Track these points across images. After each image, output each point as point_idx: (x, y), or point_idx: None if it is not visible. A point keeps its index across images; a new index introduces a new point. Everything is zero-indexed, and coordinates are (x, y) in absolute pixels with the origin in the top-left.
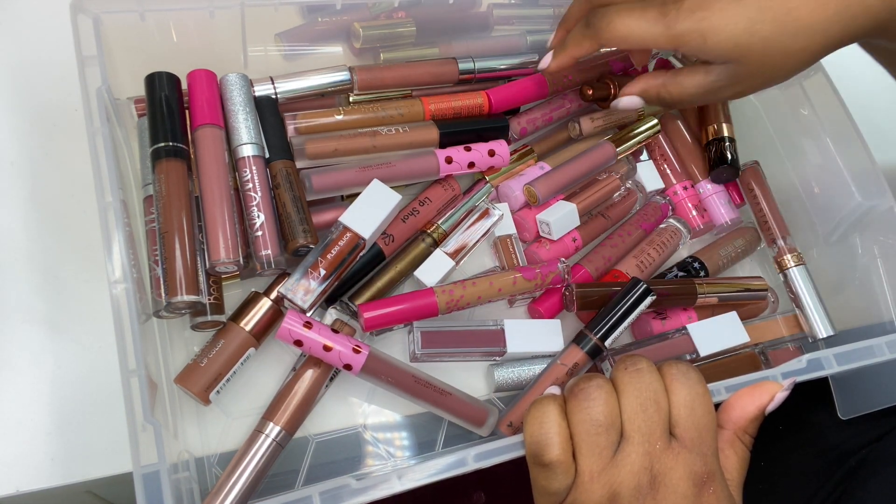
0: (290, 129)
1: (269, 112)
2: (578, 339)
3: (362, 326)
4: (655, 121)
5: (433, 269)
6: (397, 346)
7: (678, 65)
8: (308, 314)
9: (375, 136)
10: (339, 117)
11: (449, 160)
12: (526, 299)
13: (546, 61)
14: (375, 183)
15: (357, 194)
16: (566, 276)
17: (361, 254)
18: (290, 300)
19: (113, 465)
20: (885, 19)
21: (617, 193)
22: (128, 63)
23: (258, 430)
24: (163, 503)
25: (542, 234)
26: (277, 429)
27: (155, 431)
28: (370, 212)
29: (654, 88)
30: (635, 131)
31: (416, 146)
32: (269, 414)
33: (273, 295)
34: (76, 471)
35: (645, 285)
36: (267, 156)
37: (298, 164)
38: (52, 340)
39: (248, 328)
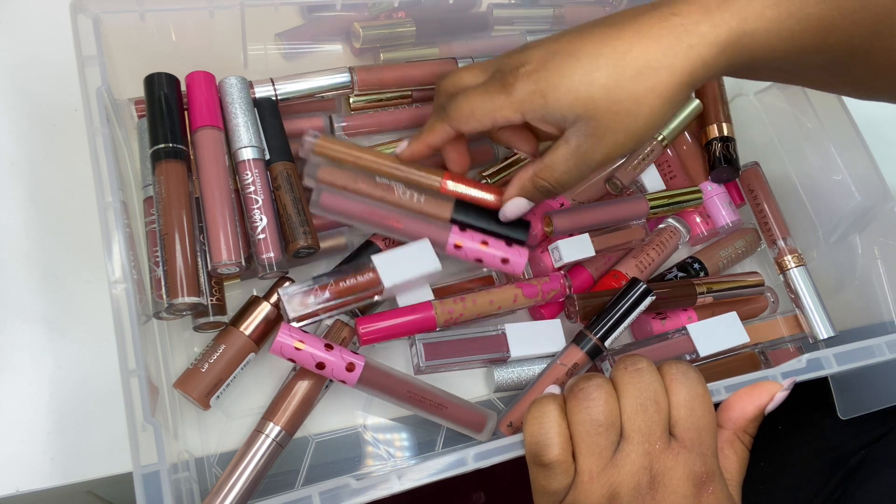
0: (307, 141)
1: (270, 113)
2: (578, 339)
3: (359, 341)
4: (699, 194)
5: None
6: (398, 348)
7: None
8: (295, 326)
9: (389, 190)
10: (358, 153)
11: (458, 247)
12: None
13: (401, 147)
14: (425, 243)
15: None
16: (568, 291)
17: (373, 300)
18: (282, 304)
19: (113, 465)
20: (732, 43)
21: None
22: (128, 63)
23: (258, 430)
24: (163, 503)
25: (553, 261)
26: (277, 429)
27: (155, 431)
28: (404, 266)
29: (528, 182)
30: (678, 199)
31: (424, 215)
32: (269, 414)
33: (273, 299)
34: (76, 471)
35: (644, 285)
36: (267, 157)
37: (305, 182)
38: (52, 340)
39: (247, 332)
